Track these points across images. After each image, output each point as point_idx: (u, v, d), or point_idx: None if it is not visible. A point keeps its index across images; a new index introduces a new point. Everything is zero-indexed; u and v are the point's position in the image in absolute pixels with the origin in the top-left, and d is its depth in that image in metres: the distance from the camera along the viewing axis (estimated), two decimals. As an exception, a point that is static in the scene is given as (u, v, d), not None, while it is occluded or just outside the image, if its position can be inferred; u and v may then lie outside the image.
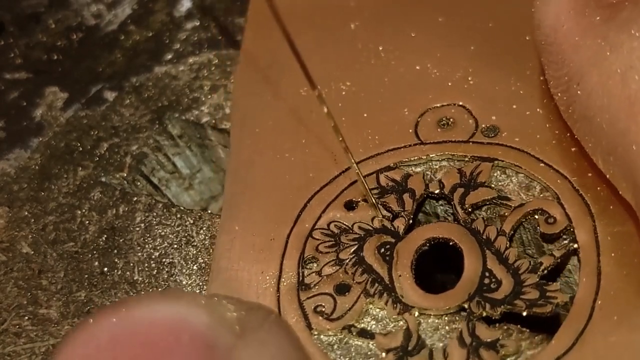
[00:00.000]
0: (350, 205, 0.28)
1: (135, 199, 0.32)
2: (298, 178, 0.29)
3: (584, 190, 0.26)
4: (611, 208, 0.26)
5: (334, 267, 0.27)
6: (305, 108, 0.31)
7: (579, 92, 0.24)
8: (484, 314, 0.25)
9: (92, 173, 0.33)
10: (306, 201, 0.29)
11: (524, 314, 0.24)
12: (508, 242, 0.26)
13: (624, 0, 0.23)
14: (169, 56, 0.37)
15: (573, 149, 0.27)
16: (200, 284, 0.29)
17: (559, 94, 0.26)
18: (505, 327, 0.25)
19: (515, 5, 0.28)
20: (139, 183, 0.34)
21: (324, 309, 0.26)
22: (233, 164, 0.31)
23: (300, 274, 0.27)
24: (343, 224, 0.28)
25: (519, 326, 0.25)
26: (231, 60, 0.36)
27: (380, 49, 0.33)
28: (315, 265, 0.27)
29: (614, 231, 0.25)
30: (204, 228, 0.30)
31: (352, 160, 0.27)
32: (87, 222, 0.32)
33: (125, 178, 0.33)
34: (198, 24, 0.38)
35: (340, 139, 0.26)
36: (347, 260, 0.27)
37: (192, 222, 0.31)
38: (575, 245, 0.25)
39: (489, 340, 0.24)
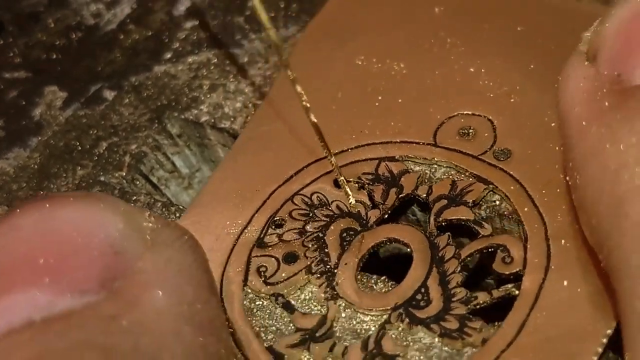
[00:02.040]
0: (339, 183, 0.29)
1: (134, 198, 0.32)
2: (306, 141, 0.30)
3: (552, 241, 0.26)
4: (569, 269, 0.25)
5: (295, 235, 0.27)
6: (352, 79, 0.32)
7: (578, 181, 0.23)
8: (400, 327, 0.25)
9: (92, 172, 0.33)
10: (303, 165, 0.29)
11: (435, 339, 0.24)
12: (458, 267, 0.26)
13: (638, 87, 0.22)
14: (168, 55, 0.37)
15: (568, 200, 0.26)
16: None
17: (567, 177, 0.24)
18: (427, 333, 0.24)
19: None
20: (138, 182, 0.34)
21: (265, 271, 0.27)
22: (262, 111, 0.32)
23: (264, 231, 0.28)
24: (325, 198, 0.28)
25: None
26: (231, 59, 0.36)
27: (448, 40, 0.32)
28: (280, 228, 0.28)
29: (558, 295, 0.24)
30: (203, 227, 0.30)
31: (328, 151, 0.27)
32: (86, 221, 0.31)
33: (124, 177, 0.33)
34: (197, 23, 0.38)
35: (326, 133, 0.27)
36: (310, 234, 0.27)
37: (191, 221, 0.31)
38: (517, 292, 0.25)
39: (389, 353, 0.24)
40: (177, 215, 0.31)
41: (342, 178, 0.28)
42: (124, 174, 0.33)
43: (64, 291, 0.18)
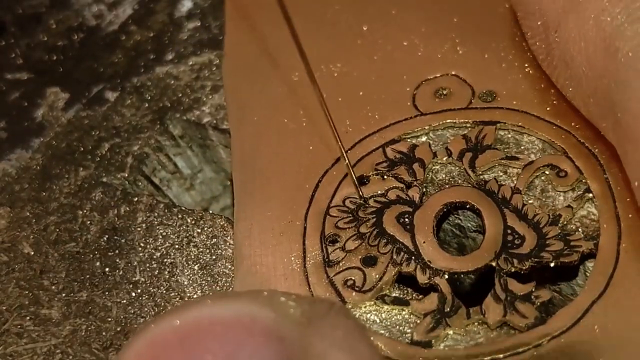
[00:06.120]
0: (362, 181, 0.29)
1: (136, 199, 0.32)
2: (306, 159, 0.30)
3: (589, 143, 0.27)
4: (618, 155, 0.26)
5: (356, 242, 0.27)
6: (300, 92, 0.31)
7: (557, 39, 0.25)
8: (513, 269, 0.25)
9: (94, 173, 0.33)
10: (317, 181, 0.29)
11: (552, 264, 0.25)
12: (524, 199, 0.27)
13: None
14: (170, 56, 0.37)
15: (571, 106, 0.28)
16: (202, 284, 0.29)
17: (537, 43, 0.27)
18: (535, 284, 0.25)
19: None
20: (140, 183, 0.34)
21: (354, 282, 0.26)
22: (237, 153, 0.31)
23: (325, 251, 0.27)
24: (358, 199, 0.28)
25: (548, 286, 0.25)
26: (232, 60, 0.36)
27: (365, 28, 0.33)
28: (337, 241, 0.28)
29: (625, 177, 0.25)
30: (205, 228, 0.30)
31: (339, 143, 0.28)
32: (89, 222, 0.32)
33: (126, 178, 0.33)
34: (199, 24, 0.38)
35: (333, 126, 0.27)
36: (369, 234, 0.27)
37: (193, 222, 0.31)
38: (591, 195, 0.26)
39: (522, 293, 0.25)
40: (180, 216, 0.31)
41: (351, 169, 0.28)
42: (126, 175, 0.33)
43: None
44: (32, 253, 0.31)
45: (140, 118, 0.35)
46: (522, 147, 0.28)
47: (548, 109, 0.28)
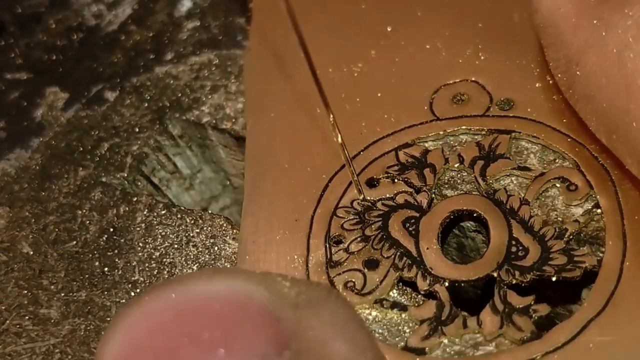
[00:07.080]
0: (371, 183, 0.29)
1: (135, 199, 0.32)
2: (318, 158, 0.30)
3: (602, 157, 0.27)
4: (630, 172, 0.26)
5: (360, 244, 0.27)
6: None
7: (578, 72, 0.24)
8: (514, 281, 0.25)
9: (93, 173, 0.33)
10: (327, 181, 0.29)
11: (554, 279, 0.25)
12: (532, 211, 0.27)
13: None
14: (170, 56, 0.37)
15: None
16: (201, 284, 0.29)
17: (559, 75, 0.26)
18: (535, 297, 0.25)
19: None
20: (139, 183, 0.34)
21: (354, 285, 0.26)
22: (251, 148, 0.31)
23: (328, 252, 0.27)
24: (364, 201, 0.28)
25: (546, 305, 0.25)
26: (232, 60, 0.36)
27: (389, 29, 0.33)
28: (342, 242, 0.28)
29: (636, 195, 0.26)
30: (205, 228, 0.30)
31: (342, 144, 0.27)
32: (88, 222, 0.32)
33: (125, 178, 0.33)
34: (198, 24, 0.38)
35: (336, 128, 0.27)
36: (373, 237, 0.27)
37: (192, 222, 0.31)
38: (599, 211, 0.26)
39: (521, 306, 0.25)
40: (179, 216, 0.31)
41: (353, 173, 0.28)
42: (126, 174, 0.33)
43: (247, 357, 0.16)
44: (32, 253, 0.31)
45: (140, 118, 0.35)
46: (535, 158, 0.28)
47: (564, 120, 0.28)
